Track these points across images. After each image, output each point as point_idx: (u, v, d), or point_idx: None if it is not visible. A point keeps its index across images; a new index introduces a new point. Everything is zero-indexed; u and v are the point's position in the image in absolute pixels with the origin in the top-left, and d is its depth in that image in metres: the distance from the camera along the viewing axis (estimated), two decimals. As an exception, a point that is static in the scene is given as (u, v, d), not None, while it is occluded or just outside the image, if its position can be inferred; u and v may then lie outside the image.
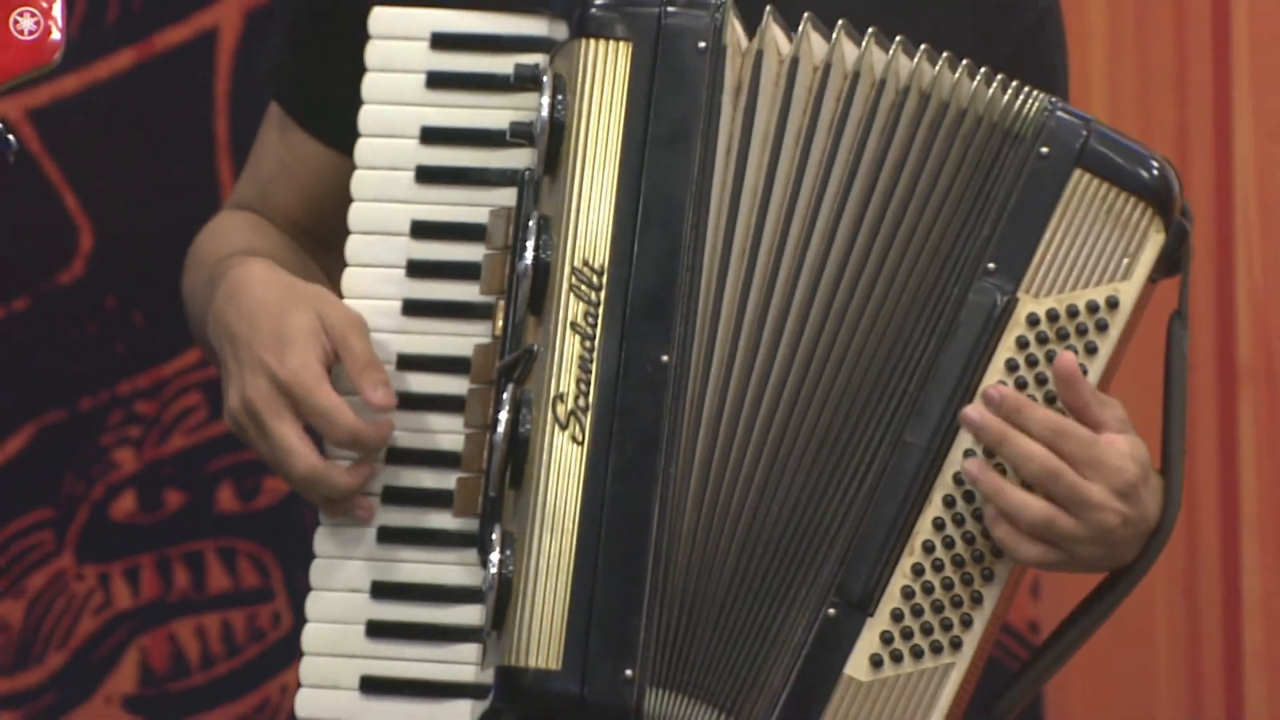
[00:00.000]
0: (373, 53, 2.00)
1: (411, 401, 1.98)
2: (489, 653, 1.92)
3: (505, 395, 1.91)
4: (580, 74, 1.96)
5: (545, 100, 1.93)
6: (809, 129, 1.95)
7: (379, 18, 1.99)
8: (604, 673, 1.89)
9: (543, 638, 1.90)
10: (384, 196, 2.01)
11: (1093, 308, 1.88)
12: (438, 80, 2.00)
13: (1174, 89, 2.99)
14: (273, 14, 2.90)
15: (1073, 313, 1.89)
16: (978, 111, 1.95)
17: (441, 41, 2.00)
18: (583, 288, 1.95)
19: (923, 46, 1.97)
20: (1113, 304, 1.87)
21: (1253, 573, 3.12)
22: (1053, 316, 1.88)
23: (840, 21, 1.96)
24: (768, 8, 1.95)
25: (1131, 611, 2.37)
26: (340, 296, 2.02)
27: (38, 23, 1.81)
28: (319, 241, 2.16)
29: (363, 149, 2.00)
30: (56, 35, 1.82)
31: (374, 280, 1.99)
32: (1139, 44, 3.02)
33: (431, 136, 2.00)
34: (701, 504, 1.90)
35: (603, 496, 1.91)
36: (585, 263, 1.94)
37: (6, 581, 3.03)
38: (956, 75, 1.97)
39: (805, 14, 1.95)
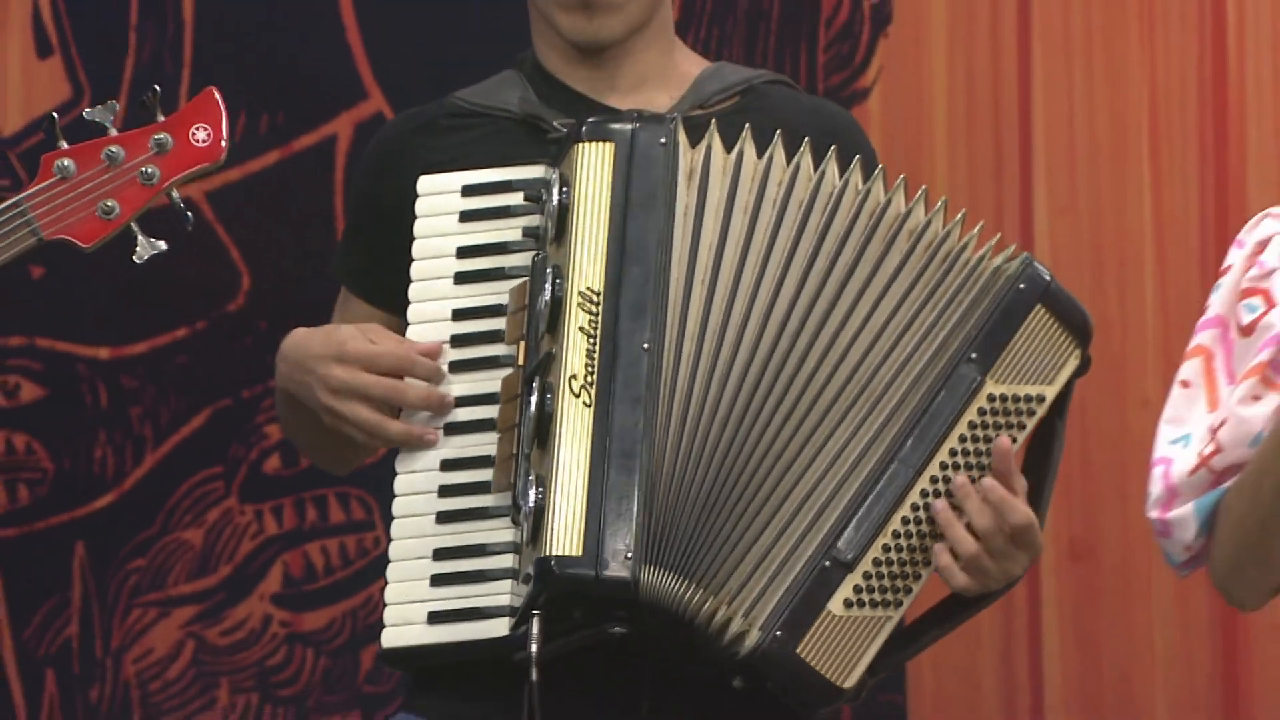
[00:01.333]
0: (421, 205, 2.27)
1: (457, 428, 2.26)
2: (524, 563, 2.16)
3: (534, 385, 2.16)
4: (577, 168, 2.20)
5: (555, 190, 2.19)
6: (755, 204, 2.21)
7: (424, 182, 2.28)
8: (611, 554, 2.14)
9: (567, 535, 2.14)
10: (431, 297, 2.27)
11: (1028, 399, 2.20)
12: (467, 216, 2.26)
13: (994, 177, 3.43)
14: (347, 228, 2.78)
15: (1015, 399, 2.21)
16: (958, 241, 2.21)
17: (469, 190, 2.26)
18: (586, 304, 2.18)
19: (857, 158, 2.22)
20: (1040, 400, 2.20)
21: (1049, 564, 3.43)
22: (1003, 399, 2.20)
23: (778, 131, 2.23)
24: (712, 121, 2.23)
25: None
26: None
27: (209, 134, 2.29)
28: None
29: (416, 269, 2.28)
30: (222, 143, 2.28)
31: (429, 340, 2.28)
32: (969, 145, 3.45)
33: (464, 252, 2.26)
34: (679, 445, 2.18)
35: (606, 438, 2.16)
36: (588, 288, 2.18)
37: (191, 516, 3.55)
38: (894, 188, 2.22)
39: (746, 124, 2.23)
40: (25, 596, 3.56)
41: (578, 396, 2.15)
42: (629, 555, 2.11)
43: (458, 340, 2.23)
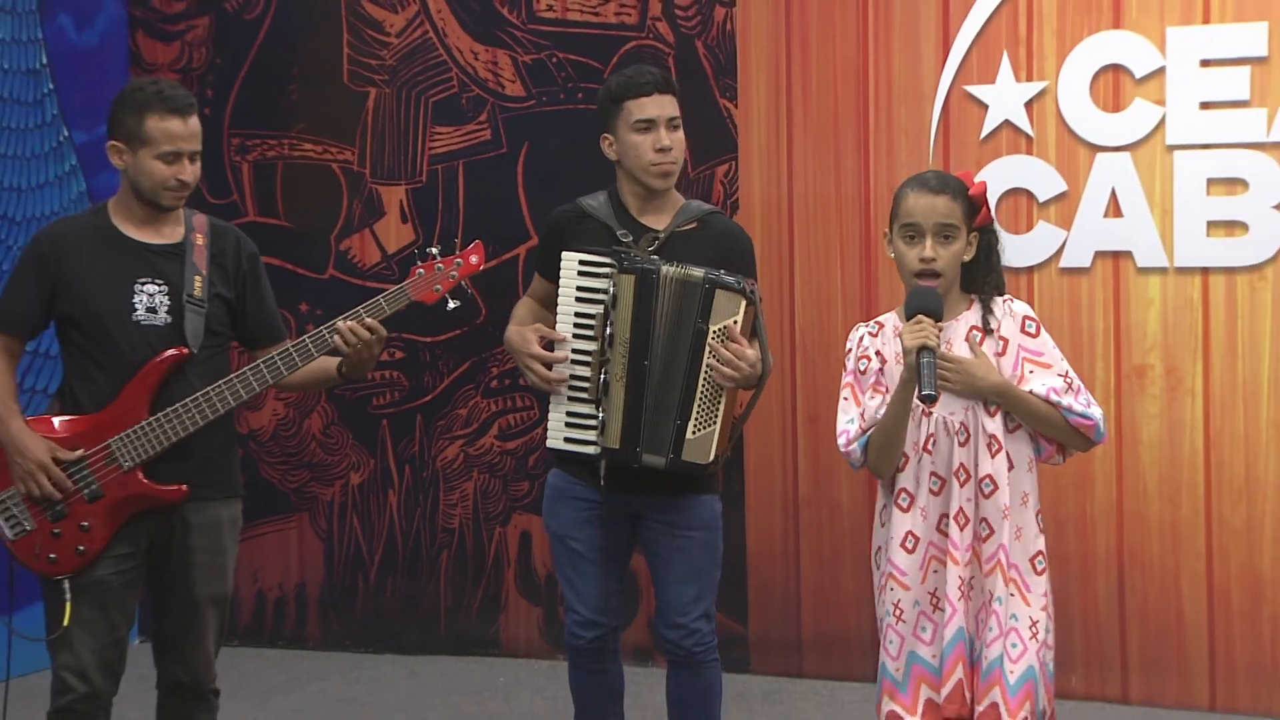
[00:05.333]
0: (563, 263, 3.83)
1: (576, 362, 3.83)
2: (599, 434, 3.84)
3: (603, 370, 3.76)
4: (620, 282, 3.76)
5: (611, 288, 3.73)
6: (671, 296, 3.67)
7: (565, 255, 3.84)
8: (630, 447, 3.87)
9: (613, 435, 3.90)
10: (565, 305, 3.86)
11: (726, 325, 3.73)
12: (582, 273, 3.81)
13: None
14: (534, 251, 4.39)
15: (724, 329, 3.71)
16: (692, 277, 3.60)
17: (583, 262, 3.82)
18: (622, 345, 3.75)
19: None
20: (732, 324, 3.71)
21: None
22: (719, 332, 3.70)
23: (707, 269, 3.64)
24: (675, 262, 3.66)
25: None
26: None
27: (476, 261, 4.01)
28: (547, 305, 4.02)
29: (560, 294, 3.85)
30: (481, 263, 4.03)
31: (564, 333, 3.83)
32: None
33: (580, 290, 3.82)
34: (649, 398, 3.74)
35: (630, 396, 3.81)
36: (624, 337, 3.77)
37: (462, 403, 5.92)
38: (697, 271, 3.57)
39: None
40: (399, 436, 6.03)
41: (619, 381, 3.79)
42: (638, 448, 3.76)
43: (577, 325, 3.79)
